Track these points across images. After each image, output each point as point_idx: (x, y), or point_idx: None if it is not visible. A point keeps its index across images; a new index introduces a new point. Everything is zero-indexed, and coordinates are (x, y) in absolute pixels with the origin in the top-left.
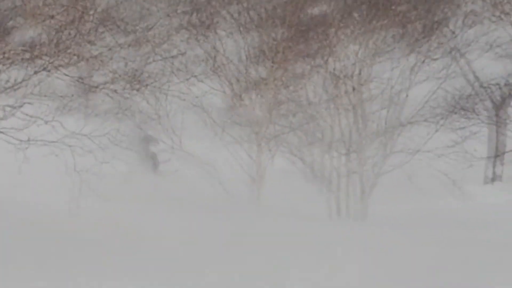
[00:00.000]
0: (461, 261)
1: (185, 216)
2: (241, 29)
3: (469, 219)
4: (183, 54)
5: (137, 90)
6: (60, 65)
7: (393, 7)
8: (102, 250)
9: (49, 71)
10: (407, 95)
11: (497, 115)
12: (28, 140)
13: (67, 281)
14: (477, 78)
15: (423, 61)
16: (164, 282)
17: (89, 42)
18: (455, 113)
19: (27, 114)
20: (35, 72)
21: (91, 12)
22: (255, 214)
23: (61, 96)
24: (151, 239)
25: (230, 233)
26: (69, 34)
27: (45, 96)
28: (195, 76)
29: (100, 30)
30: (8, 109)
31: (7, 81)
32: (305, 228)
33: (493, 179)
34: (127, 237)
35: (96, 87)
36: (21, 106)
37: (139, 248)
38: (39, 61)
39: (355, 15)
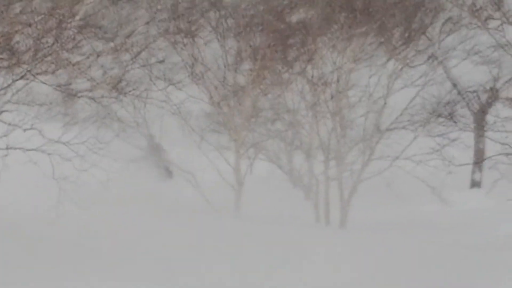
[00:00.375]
0: (438, 263)
1: (164, 223)
2: (219, 37)
3: (448, 225)
4: (161, 62)
5: (116, 98)
6: (38, 73)
7: (371, 15)
8: (78, 255)
9: (27, 79)
10: (385, 103)
11: (475, 122)
12: (7, 147)
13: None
14: (455, 85)
15: (402, 69)
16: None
17: (68, 50)
18: (434, 120)
19: (5, 122)
20: (14, 80)
21: (69, 20)
22: (233, 221)
23: (40, 104)
24: (126, 242)
25: (207, 239)
26: (47, 42)
27: (23, 103)
28: (174, 84)
29: (79, 38)
30: None
31: None
32: (283, 235)
33: (472, 185)
34: (102, 240)
35: (75, 95)
36: None
37: (113, 251)
38: (17, 69)
39: (334, 22)
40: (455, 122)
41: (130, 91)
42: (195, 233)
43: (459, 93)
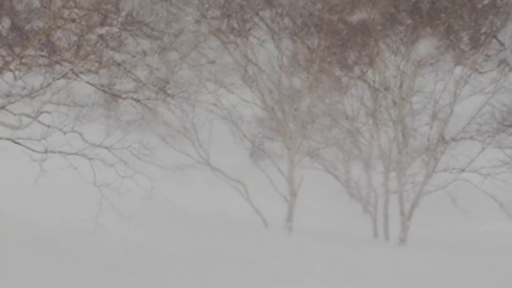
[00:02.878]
0: None
1: (210, 238)
2: (275, 37)
3: None
4: (212, 62)
5: (163, 100)
6: (80, 72)
7: (438, 16)
8: (117, 275)
9: (69, 78)
10: (452, 111)
11: None
12: (46, 151)
13: None
14: None
15: (470, 74)
16: None
17: (112, 48)
18: (504, 130)
19: (44, 124)
20: (54, 79)
21: (115, 16)
22: (286, 235)
23: (81, 105)
24: (169, 263)
25: (259, 255)
26: (91, 39)
27: (64, 104)
28: (225, 87)
29: (124, 35)
30: (24, 118)
31: (24, 88)
32: (337, 253)
33: None
34: (143, 260)
35: (119, 96)
36: (38, 115)
37: (155, 274)
38: (58, 68)
39: (397, 24)
40: None
41: (178, 93)
42: (245, 250)
43: None
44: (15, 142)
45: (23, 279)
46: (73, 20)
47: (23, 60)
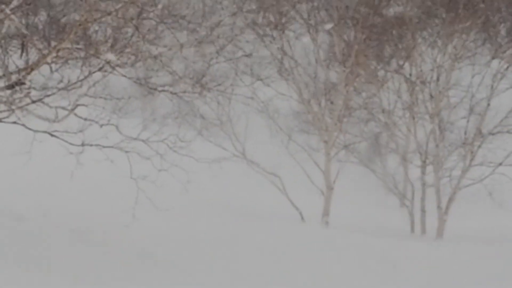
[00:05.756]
0: None
1: (245, 230)
2: (311, 30)
3: None
4: (248, 55)
5: (199, 93)
6: (117, 65)
7: (475, 9)
8: (151, 265)
9: (105, 71)
10: (489, 104)
11: None
12: (82, 144)
13: None
14: None
15: (507, 68)
16: None
17: (148, 41)
18: None
19: (81, 117)
20: (91, 72)
21: (151, 9)
22: (322, 229)
23: (118, 98)
24: (202, 254)
25: (294, 249)
26: (127, 32)
27: (100, 97)
28: (261, 80)
29: (160, 28)
30: (61, 111)
31: (60, 81)
32: (373, 246)
33: None
34: (177, 251)
35: (155, 89)
36: (74, 108)
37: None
38: (94, 61)
39: (434, 17)
40: None
41: (214, 87)
42: (281, 243)
43: None
44: (52, 135)
45: (59, 270)
46: (109, 13)
47: (60, 53)
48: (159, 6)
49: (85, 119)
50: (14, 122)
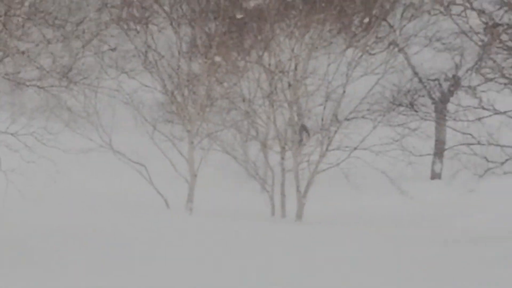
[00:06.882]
0: (397, 258)
1: (108, 220)
2: (173, 23)
3: (408, 217)
4: (113, 49)
5: (66, 87)
6: None
7: (330, 1)
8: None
9: None
10: (344, 91)
11: (436, 111)
12: None
13: None
14: (416, 73)
15: (361, 56)
16: None
17: (16, 37)
18: (394, 109)
19: None
20: None
21: (18, 6)
22: (186, 214)
23: None
24: (69, 243)
25: (160, 234)
26: None
27: None
28: (126, 73)
29: (28, 25)
30: None
31: None
32: (235, 230)
33: (432, 177)
34: (46, 239)
35: (23, 84)
36: None
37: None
38: None
39: (291, 9)
40: (415, 111)
41: (80, 80)
42: (145, 230)
43: (420, 81)
44: None
45: None
46: None
47: None
48: (26, 4)
49: None
50: None
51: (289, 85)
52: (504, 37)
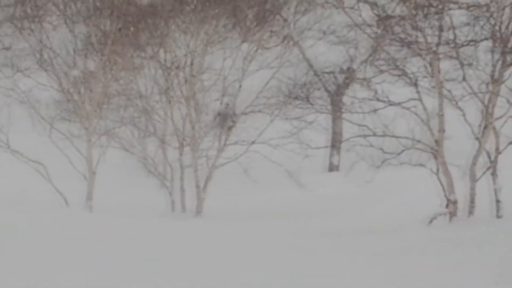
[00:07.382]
0: (300, 249)
1: (4, 219)
2: (68, 21)
3: (305, 210)
4: (7, 48)
5: None
6: None
7: None
8: None
9: None
10: (240, 86)
11: (332, 103)
12: None
13: None
14: (311, 66)
15: (256, 50)
16: None
17: None
18: (290, 103)
19: None
20: None
21: None
22: (85, 213)
23: None
24: None
25: (56, 234)
26: None
27: None
28: (21, 71)
29: None
30: None
31: None
32: (136, 226)
33: (330, 169)
34: None
35: None
36: None
37: None
38: None
39: (186, 4)
40: (311, 104)
41: None
42: (42, 228)
43: (315, 74)
44: None
45: None
46: None
47: None
48: None
49: None
50: None
51: (186, 80)
52: (396, 29)
